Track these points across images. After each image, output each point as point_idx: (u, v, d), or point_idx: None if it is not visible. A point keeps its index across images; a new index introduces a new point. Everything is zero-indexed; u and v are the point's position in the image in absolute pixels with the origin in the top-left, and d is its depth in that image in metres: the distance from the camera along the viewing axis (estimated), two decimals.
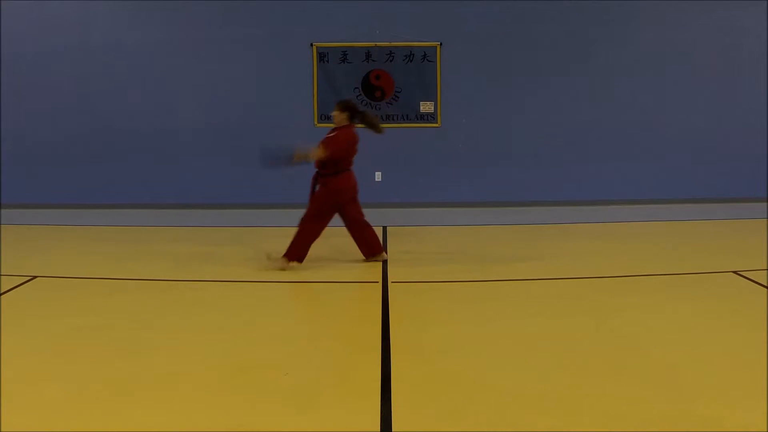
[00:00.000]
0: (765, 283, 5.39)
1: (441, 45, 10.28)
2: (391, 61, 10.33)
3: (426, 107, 10.40)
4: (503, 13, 10.28)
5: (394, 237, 7.79)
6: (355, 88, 10.33)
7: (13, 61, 10.22)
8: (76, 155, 10.40)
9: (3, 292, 5.32)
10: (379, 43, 10.29)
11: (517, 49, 10.35)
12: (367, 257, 6.40)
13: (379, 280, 5.73)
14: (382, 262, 6.32)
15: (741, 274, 5.75)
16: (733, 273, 5.81)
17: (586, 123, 10.41)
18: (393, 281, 5.68)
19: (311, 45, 10.28)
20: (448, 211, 10.16)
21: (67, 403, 3.24)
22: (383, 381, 3.46)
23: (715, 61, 10.40)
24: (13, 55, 10.21)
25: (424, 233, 8.41)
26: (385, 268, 6.13)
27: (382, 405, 3.17)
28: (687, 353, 3.91)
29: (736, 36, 10.33)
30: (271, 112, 10.28)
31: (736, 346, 4.01)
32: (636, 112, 10.41)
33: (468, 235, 8.25)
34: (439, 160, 10.45)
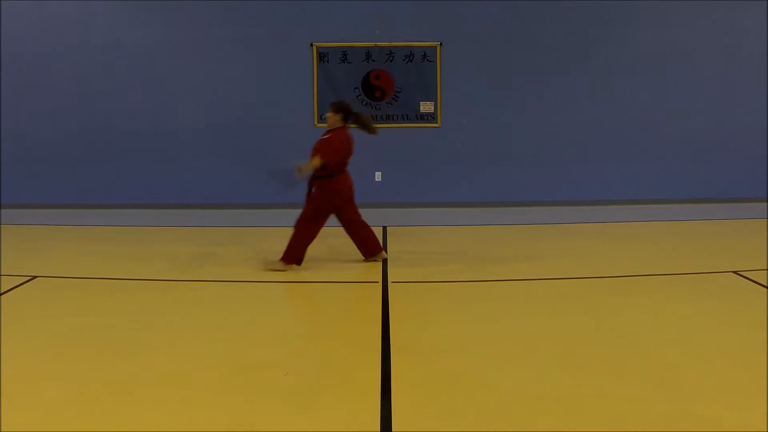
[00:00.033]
0: (765, 283, 5.39)
1: (441, 45, 10.28)
2: (391, 61, 10.32)
3: (426, 107, 10.40)
4: (503, 13, 10.28)
5: (394, 237, 7.79)
6: (355, 88, 10.33)
7: (13, 61, 10.22)
8: (76, 155, 10.40)
9: (3, 292, 5.32)
10: (379, 43, 10.29)
11: (517, 49, 10.34)
12: (366, 257, 6.39)
13: (379, 280, 5.73)
14: (382, 262, 6.32)
15: (741, 274, 5.75)
16: (733, 273, 5.81)
17: (586, 123, 10.41)
18: (393, 281, 5.68)
19: (311, 45, 10.28)
20: (448, 211, 10.16)
21: (67, 403, 3.24)
22: (383, 381, 3.46)
23: (715, 61, 10.39)
24: (13, 55, 10.20)
25: (424, 233, 8.41)
26: (385, 268, 6.13)
27: (382, 405, 3.17)
28: (687, 353, 3.91)
29: (736, 36, 10.33)
30: (271, 112, 10.28)
31: (736, 346, 4.02)
32: (636, 112, 10.41)
33: (468, 235, 8.25)
34: (439, 160, 10.45)
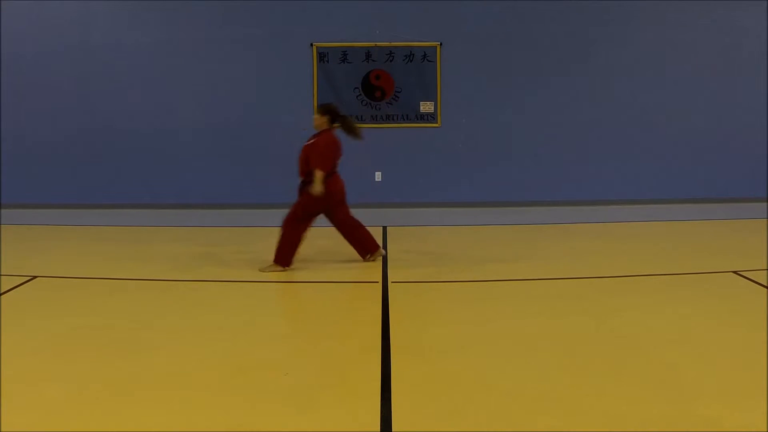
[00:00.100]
0: (765, 283, 5.39)
1: (441, 45, 10.28)
2: (391, 61, 10.32)
3: (426, 107, 10.40)
4: (503, 13, 10.28)
5: (394, 237, 7.78)
6: (355, 88, 10.33)
7: (13, 61, 10.22)
8: (76, 155, 10.40)
9: (3, 292, 5.32)
10: (379, 43, 10.29)
11: (517, 49, 10.35)
12: (363, 257, 6.37)
13: (379, 280, 5.73)
14: (381, 263, 6.31)
15: (741, 274, 5.75)
16: (733, 273, 5.81)
17: (586, 123, 10.41)
18: (393, 281, 5.68)
19: (311, 45, 10.28)
20: (448, 211, 10.16)
21: (67, 403, 3.24)
22: (383, 381, 3.46)
23: (715, 61, 10.40)
24: (13, 55, 10.21)
25: (424, 233, 8.40)
26: (385, 268, 6.13)
27: (382, 405, 3.17)
28: (687, 353, 3.91)
29: (736, 36, 10.33)
30: (271, 112, 10.27)
31: (736, 346, 4.02)
32: (636, 112, 10.41)
33: (468, 235, 8.25)
34: (439, 160, 10.45)
